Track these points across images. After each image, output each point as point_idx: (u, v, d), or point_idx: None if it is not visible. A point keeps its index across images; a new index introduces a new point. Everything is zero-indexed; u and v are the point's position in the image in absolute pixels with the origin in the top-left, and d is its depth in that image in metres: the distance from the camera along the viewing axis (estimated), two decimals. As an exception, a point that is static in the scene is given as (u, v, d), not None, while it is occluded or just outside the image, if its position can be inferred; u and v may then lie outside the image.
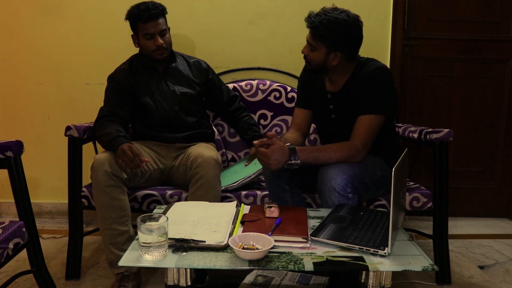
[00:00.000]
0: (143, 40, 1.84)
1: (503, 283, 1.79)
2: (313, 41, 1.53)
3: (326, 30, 1.48)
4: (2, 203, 2.58)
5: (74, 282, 1.75)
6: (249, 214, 1.31)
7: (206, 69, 2.03)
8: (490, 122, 2.53)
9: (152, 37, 1.82)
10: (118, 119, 1.79)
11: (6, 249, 1.25)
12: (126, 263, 1.04)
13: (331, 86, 1.65)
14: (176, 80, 1.93)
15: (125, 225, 1.64)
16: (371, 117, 1.52)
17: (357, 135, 1.52)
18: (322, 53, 1.53)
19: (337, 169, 1.44)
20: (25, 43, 2.39)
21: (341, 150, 1.50)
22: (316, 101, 1.71)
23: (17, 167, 1.37)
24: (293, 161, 1.44)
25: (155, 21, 1.81)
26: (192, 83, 1.95)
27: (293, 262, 1.03)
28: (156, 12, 1.81)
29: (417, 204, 1.72)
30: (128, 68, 1.89)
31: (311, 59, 1.58)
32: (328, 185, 1.43)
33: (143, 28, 1.82)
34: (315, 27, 1.50)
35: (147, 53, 1.86)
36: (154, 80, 1.89)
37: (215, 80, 2.06)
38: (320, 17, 1.49)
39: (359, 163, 1.51)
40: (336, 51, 1.52)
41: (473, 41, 2.45)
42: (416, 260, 1.05)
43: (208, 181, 1.63)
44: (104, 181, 1.59)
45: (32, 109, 2.44)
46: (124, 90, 1.85)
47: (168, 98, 1.88)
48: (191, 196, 1.65)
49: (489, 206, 2.61)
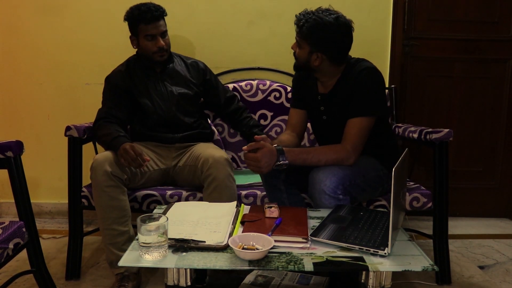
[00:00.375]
0: (143, 42, 1.84)
1: (503, 283, 1.79)
2: (299, 39, 1.55)
3: (308, 30, 1.49)
4: (2, 203, 2.58)
5: (74, 282, 1.75)
6: (249, 214, 1.32)
7: (204, 69, 2.03)
8: (490, 122, 2.53)
9: (153, 38, 1.82)
10: (117, 120, 1.80)
11: (6, 249, 1.25)
12: (126, 263, 1.04)
13: (322, 87, 1.65)
14: (174, 81, 1.93)
15: (125, 225, 1.63)
16: (361, 120, 1.52)
17: (347, 138, 1.52)
18: (306, 51, 1.54)
19: (326, 172, 1.44)
20: (25, 43, 2.39)
21: (330, 152, 1.50)
22: (309, 103, 1.71)
23: (17, 167, 1.37)
24: (282, 162, 1.44)
25: (156, 22, 1.82)
26: (189, 83, 1.95)
27: (293, 262, 1.03)
28: (157, 14, 1.81)
29: (417, 204, 1.72)
30: (125, 69, 1.89)
31: (297, 56, 1.59)
32: (317, 188, 1.43)
33: (144, 30, 1.81)
34: (300, 26, 1.51)
35: (148, 54, 1.86)
36: (151, 80, 1.89)
37: (212, 81, 2.06)
38: (307, 16, 1.50)
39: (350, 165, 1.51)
40: (318, 52, 1.52)
41: (473, 41, 2.45)
42: (416, 260, 1.05)
43: (222, 181, 1.62)
44: (104, 181, 1.59)
45: (32, 109, 2.44)
46: (121, 91, 1.85)
47: (165, 99, 1.88)
48: (207, 198, 1.64)
49: (489, 206, 2.61)
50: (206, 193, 1.65)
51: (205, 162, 1.67)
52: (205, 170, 1.65)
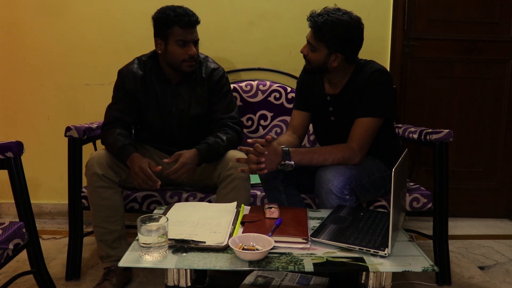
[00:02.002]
0: (173, 47, 1.66)
1: (503, 283, 1.79)
2: (315, 42, 1.51)
3: (328, 31, 1.47)
4: (2, 204, 2.58)
5: (74, 283, 1.75)
6: (249, 215, 1.32)
7: (217, 81, 1.79)
8: (490, 122, 2.53)
9: (185, 44, 1.66)
10: (125, 124, 1.73)
11: (6, 249, 1.24)
12: (126, 263, 1.04)
13: (330, 88, 1.65)
14: (188, 97, 1.76)
15: (115, 224, 1.64)
16: (369, 120, 1.52)
17: (354, 137, 1.52)
18: (323, 54, 1.52)
19: (334, 171, 1.44)
20: (25, 43, 2.39)
21: (337, 151, 1.50)
22: (315, 104, 1.70)
23: (17, 168, 1.37)
24: (287, 162, 1.44)
25: (192, 28, 1.67)
26: (205, 101, 1.78)
27: (293, 263, 1.03)
28: (194, 19, 1.67)
29: (417, 204, 1.72)
30: (141, 75, 1.74)
31: (310, 59, 1.56)
32: (325, 187, 1.43)
33: (178, 34, 1.64)
34: (318, 28, 1.48)
35: (175, 61, 1.68)
36: (166, 96, 1.75)
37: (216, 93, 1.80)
38: (323, 17, 1.47)
39: (356, 165, 1.51)
40: (337, 52, 1.51)
41: (473, 41, 2.44)
42: (416, 261, 1.05)
43: (241, 183, 1.59)
44: (95, 181, 1.59)
45: (32, 109, 2.44)
46: (132, 97, 1.74)
47: (177, 120, 1.77)
48: (222, 199, 1.59)
49: (489, 206, 2.61)
50: (222, 194, 1.61)
51: (225, 162, 1.64)
52: (225, 170, 1.62)
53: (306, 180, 1.67)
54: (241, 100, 2.20)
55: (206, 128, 1.78)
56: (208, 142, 1.66)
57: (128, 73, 1.75)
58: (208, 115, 1.80)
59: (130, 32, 2.34)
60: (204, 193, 1.73)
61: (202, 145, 1.65)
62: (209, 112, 1.80)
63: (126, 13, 2.33)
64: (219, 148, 1.66)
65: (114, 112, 1.74)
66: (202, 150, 1.64)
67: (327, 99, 1.65)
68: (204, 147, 1.65)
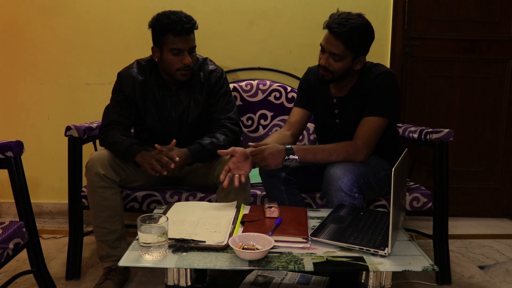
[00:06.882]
0: (168, 55, 1.63)
1: (503, 283, 1.79)
2: (342, 51, 1.48)
3: (359, 38, 1.47)
4: (2, 203, 2.58)
5: (74, 282, 1.75)
6: (249, 214, 1.32)
7: (215, 82, 1.77)
8: (490, 122, 2.53)
9: (180, 53, 1.62)
10: (123, 126, 1.73)
11: (6, 249, 1.25)
12: (126, 263, 1.04)
13: (337, 91, 1.64)
14: (188, 101, 1.75)
15: (116, 224, 1.64)
16: (375, 119, 1.52)
17: (360, 135, 1.52)
18: (349, 60, 1.51)
19: (343, 169, 1.43)
20: (25, 42, 2.39)
21: (341, 148, 1.50)
22: (320, 105, 1.70)
23: (17, 167, 1.37)
24: (291, 156, 1.44)
25: (186, 36, 1.61)
26: (204, 105, 1.77)
27: (293, 262, 1.03)
28: (189, 26, 1.60)
29: (417, 204, 1.72)
30: (140, 80, 1.72)
31: (335, 69, 1.52)
32: (335, 185, 1.42)
33: (171, 42, 1.61)
34: (347, 37, 1.45)
35: (170, 70, 1.66)
36: (165, 102, 1.74)
37: (214, 94, 1.79)
38: (345, 26, 1.45)
39: (363, 163, 1.51)
40: (360, 55, 1.52)
41: (473, 41, 2.45)
42: (416, 260, 1.05)
43: (241, 184, 1.54)
44: (96, 182, 1.59)
45: (32, 109, 2.45)
46: (131, 101, 1.73)
47: (177, 125, 1.76)
48: (222, 199, 1.58)
49: (489, 206, 2.61)
50: (222, 195, 1.61)
51: (225, 162, 1.60)
52: None
53: (307, 179, 1.67)
54: (241, 99, 2.20)
55: (206, 131, 1.76)
56: (201, 143, 1.64)
57: (128, 77, 1.73)
58: (207, 117, 1.80)
59: (130, 32, 2.33)
60: (204, 193, 1.73)
61: (195, 145, 1.65)
62: (208, 113, 1.79)
63: (126, 13, 2.33)
64: (215, 149, 1.61)
65: (113, 114, 1.73)
66: (193, 150, 1.63)
67: (333, 102, 1.65)
68: (195, 148, 1.64)
